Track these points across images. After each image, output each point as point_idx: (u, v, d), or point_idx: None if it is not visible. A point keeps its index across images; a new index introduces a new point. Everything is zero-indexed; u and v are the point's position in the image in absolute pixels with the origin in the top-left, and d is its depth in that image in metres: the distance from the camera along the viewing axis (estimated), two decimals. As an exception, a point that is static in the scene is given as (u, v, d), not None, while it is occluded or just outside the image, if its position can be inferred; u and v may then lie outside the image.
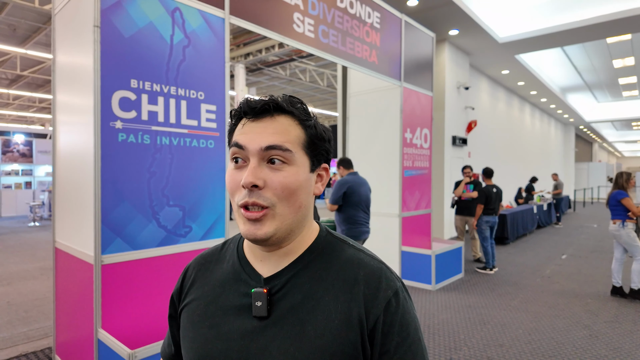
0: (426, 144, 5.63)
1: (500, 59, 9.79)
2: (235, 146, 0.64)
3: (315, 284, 0.65)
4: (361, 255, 0.69)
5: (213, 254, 0.77)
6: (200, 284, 0.74)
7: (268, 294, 0.64)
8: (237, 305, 0.67)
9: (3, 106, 20.35)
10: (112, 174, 2.41)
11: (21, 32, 11.07)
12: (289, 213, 0.63)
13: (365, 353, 0.62)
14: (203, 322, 0.69)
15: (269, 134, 0.62)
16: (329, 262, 0.67)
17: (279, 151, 0.62)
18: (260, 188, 0.61)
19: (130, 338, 2.44)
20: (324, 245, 0.70)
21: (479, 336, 3.60)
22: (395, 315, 0.62)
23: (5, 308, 4.24)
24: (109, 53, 2.40)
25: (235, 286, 0.69)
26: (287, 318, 0.63)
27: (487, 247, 5.96)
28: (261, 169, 0.62)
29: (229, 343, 0.65)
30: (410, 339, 0.63)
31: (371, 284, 0.64)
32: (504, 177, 12.04)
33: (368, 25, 4.53)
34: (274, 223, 0.62)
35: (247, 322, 0.65)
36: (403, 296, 0.65)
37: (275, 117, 0.64)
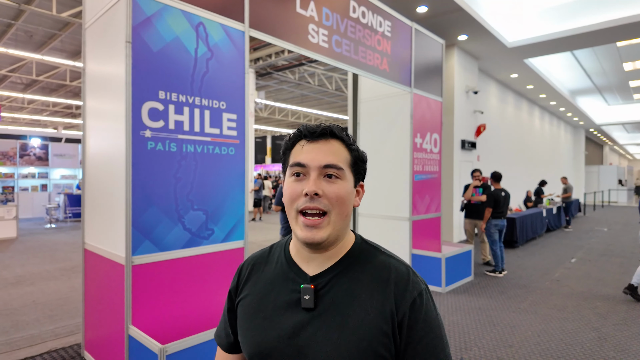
0: (436, 149, 5.74)
1: (509, 63, 9.85)
2: (297, 165, 0.79)
3: (354, 283, 0.78)
4: (391, 261, 0.82)
5: (262, 256, 0.91)
6: (254, 282, 0.87)
7: (315, 290, 0.77)
8: (286, 299, 0.79)
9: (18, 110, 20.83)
10: (142, 180, 2.57)
11: (37, 38, 11.39)
12: (339, 220, 0.77)
13: (395, 341, 0.73)
14: (257, 314, 0.82)
15: (325, 154, 0.78)
16: (365, 266, 0.80)
17: (334, 169, 0.77)
18: (319, 196, 0.75)
19: (158, 334, 2.59)
20: (360, 250, 0.83)
21: (489, 337, 3.69)
22: (419, 312, 0.74)
23: (32, 307, 4.43)
24: (139, 66, 2.56)
25: (284, 284, 0.81)
26: (330, 311, 0.76)
27: (496, 250, 6.04)
28: (320, 182, 0.77)
29: (281, 331, 0.77)
30: (433, 333, 0.74)
31: (400, 285, 0.77)
32: (513, 180, 12.06)
33: (379, 34, 4.66)
34: (328, 229, 0.76)
35: (297, 314, 0.77)
36: (426, 297, 0.77)
37: (329, 140, 0.80)
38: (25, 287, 5.18)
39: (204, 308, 2.87)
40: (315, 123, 0.85)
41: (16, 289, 5.12)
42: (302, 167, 0.78)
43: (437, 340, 0.74)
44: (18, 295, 4.85)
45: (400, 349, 0.73)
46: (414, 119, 5.23)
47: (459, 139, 8.75)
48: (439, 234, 5.74)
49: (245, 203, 3.18)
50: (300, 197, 0.77)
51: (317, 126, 0.80)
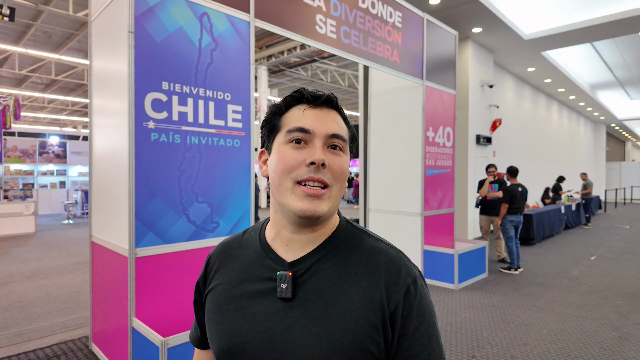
0: (449, 143, 5.60)
1: (526, 56, 9.59)
2: (299, 131, 0.69)
3: (338, 269, 0.69)
4: (381, 245, 0.73)
5: (234, 241, 0.81)
6: (225, 270, 0.77)
7: (292, 277, 0.68)
8: (262, 288, 0.71)
9: (38, 109, 21.36)
10: (145, 171, 2.55)
11: (56, 38, 11.61)
12: (338, 196, 0.71)
13: (386, 334, 0.65)
14: (229, 304, 0.72)
15: (332, 123, 0.71)
16: (351, 250, 0.71)
17: (341, 140, 0.71)
18: (324, 168, 0.67)
19: (162, 327, 2.57)
20: (346, 233, 0.74)
21: (502, 335, 3.57)
22: (413, 301, 0.66)
23: (45, 299, 4.50)
24: (142, 57, 2.54)
25: (259, 271, 0.72)
26: (311, 300, 0.67)
27: (512, 247, 5.87)
28: (324, 151, 0.69)
29: (255, 324, 0.68)
30: (427, 323, 0.67)
31: (392, 271, 0.68)
32: (530, 176, 11.76)
33: (390, 25, 4.56)
34: (329, 202, 0.68)
35: (272, 304, 0.68)
36: (420, 283, 0.69)
37: (331, 110, 0.73)
38: (40, 281, 5.27)
39: (208, 301, 2.84)
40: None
41: (31, 282, 5.22)
42: (305, 132, 0.68)
43: (431, 330, 0.67)
44: (33, 288, 4.94)
45: (392, 341, 0.65)
46: (426, 112, 5.11)
47: (473, 134, 8.56)
48: (452, 230, 5.61)
49: (251, 196, 3.14)
50: (300, 166, 0.67)
51: (319, 92, 0.73)
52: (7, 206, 9.39)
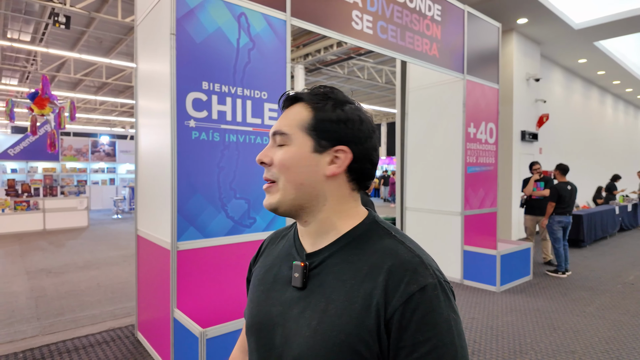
0: (492, 139, 5.39)
1: (577, 47, 9.01)
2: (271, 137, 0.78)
3: (345, 266, 0.68)
4: (398, 247, 0.68)
5: (283, 230, 0.88)
6: (267, 254, 0.85)
7: (305, 268, 0.70)
8: (286, 275, 0.74)
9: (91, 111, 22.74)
10: (187, 169, 2.64)
11: (106, 43, 12.30)
12: (290, 188, 0.71)
13: (381, 341, 0.61)
14: (259, 286, 0.79)
15: (279, 122, 0.76)
16: (363, 248, 0.69)
17: (279, 136, 0.74)
18: (268, 165, 0.73)
19: (201, 318, 2.66)
20: (365, 230, 0.72)
21: (548, 341, 3.39)
22: (416, 312, 0.60)
23: (96, 289, 4.79)
24: (183, 58, 2.63)
25: (287, 258, 0.77)
26: (316, 293, 0.68)
27: (560, 249, 5.56)
28: (272, 150, 0.75)
29: (273, 307, 0.73)
30: (438, 340, 0.59)
31: (395, 275, 0.63)
32: (580, 174, 11.08)
33: (428, 19, 4.44)
34: (276, 195, 0.72)
35: (288, 291, 0.72)
36: (434, 294, 0.61)
37: (292, 106, 0.76)
38: (92, 271, 5.62)
39: (244, 295, 2.91)
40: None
41: (84, 272, 5.58)
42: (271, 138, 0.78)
43: (443, 350, 0.58)
44: (85, 278, 5.28)
45: (388, 353, 0.61)
46: (467, 107, 4.94)
47: (518, 130, 8.18)
48: (494, 231, 5.40)
49: (287, 193, 3.17)
50: None
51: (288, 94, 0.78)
52: (63, 201, 10.09)
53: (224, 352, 2.33)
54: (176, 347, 2.63)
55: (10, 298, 4.43)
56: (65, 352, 3.11)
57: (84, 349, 3.18)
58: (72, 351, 3.13)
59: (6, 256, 6.64)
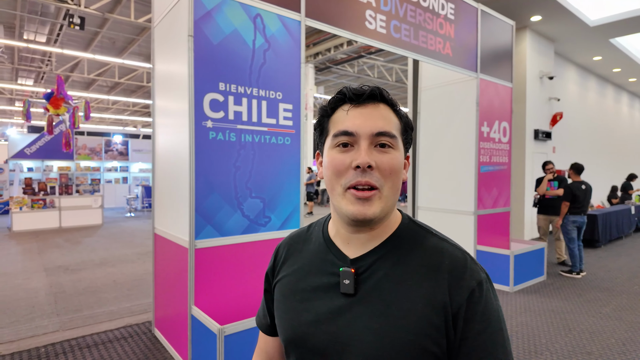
0: (505, 138, 5.35)
1: (592, 45, 8.87)
2: (344, 134, 0.68)
3: (399, 267, 0.69)
4: (444, 245, 0.71)
5: (300, 235, 0.84)
6: (291, 262, 0.80)
7: (355, 274, 0.69)
8: (325, 283, 0.72)
9: (104, 110, 23.07)
10: (204, 168, 2.68)
11: (119, 44, 12.46)
12: (391, 195, 0.69)
13: (448, 336, 0.64)
14: (294, 296, 0.76)
15: (377, 120, 0.68)
16: (413, 249, 0.70)
17: (388, 137, 0.68)
18: (372, 169, 0.66)
19: (218, 315, 2.71)
20: (408, 231, 0.73)
21: (563, 342, 3.37)
22: (477, 305, 0.64)
23: (113, 286, 4.88)
24: (200, 59, 2.67)
25: (322, 265, 0.74)
26: (372, 297, 0.67)
27: (574, 249, 5.50)
28: (371, 152, 0.67)
29: (318, 316, 0.71)
30: (492, 327, 0.64)
31: (455, 272, 0.67)
32: (595, 174, 10.91)
33: (442, 17, 4.42)
34: (380, 204, 0.67)
35: (335, 299, 0.70)
36: (487, 287, 0.67)
37: (378, 104, 0.70)
38: (108, 268, 5.72)
39: (260, 293, 2.94)
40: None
41: (100, 269, 5.68)
42: (349, 135, 0.68)
43: (497, 335, 0.64)
44: (102, 275, 5.38)
45: (453, 344, 0.64)
46: (480, 106, 4.91)
47: (531, 129, 8.09)
48: (507, 230, 5.36)
49: (301, 192, 3.20)
50: (348, 170, 0.67)
51: (363, 88, 0.70)
52: (79, 199, 10.28)
53: (241, 348, 2.37)
54: (194, 344, 2.68)
55: (30, 294, 4.54)
56: (85, 347, 3.19)
57: (103, 344, 3.25)
58: (92, 346, 3.21)
59: (24, 253, 6.79)
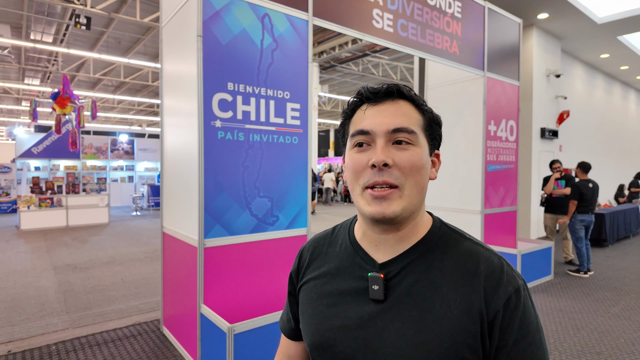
0: (512, 137, 5.32)
1: (599, 42, 8.80)
2: (360, 133, 0.67)
3: (432, 273, 0.66)
4: (480, 249, 0.68)
5: (325, 238, 0.82)
6: (316, 265, 0.78)
7: (384, 279, 0.67)
8: (353, 287, 0.70)
9: (109, 110, 23.19)
10: (213, 167, 2.70)
11: (125, 43, 12.51)
12: (415, 193, 0.66)
13: (484, 344, 0.62)
14: (321, 300, 0.73)
15: (394, 117, 0.66)
16: (447, 253, 0.68)
17: (405, 133, 0.65)
18: (389, 167, 0.63)
19: (227, 314, 2.72)
20: (440, 235, 0.70)
21: (572, 342, 3.36)
22: (515, 312, 0.62)
23: (121, 284, 4.92)
24: (209, 59, 2.68)
25: (350, 269, 0.72)
26: (404, 303, 0.65)
27: (582, 248, 5.47)
28: (389, 149, 0.65)
29: (347, 321, 0.68)
30: (531, 337, 0.62)
31: (492, 278, 0.64)
32: (602, 172, 10.84)
33: (449, 16, 4.41)
34: (401, 202, 0.64)
35: (364, 305, 0.68)
36: (524, 294, 0.64)
37: (397, 101, 0.68)
38: (116, 267, 5.77)
39: (269, 291, 2.96)
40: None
41: (108, 268, 5.72)
42: (365, 134, 0.66)
43: (536, 347, 0.62)
44: (110, 273, 5.42)
45: (489, 353, 0.62)
46: (487, 105, 4.89)
47: (538, 127, 8.05)
48: (514, 230, 5.34)
49: (308, 192, 3.21)
50: (365, 169, 0.65)
51: (381, 85, 0.68)
52: (85, 198, 10.35)
53: (251, 347, 2.39)
54: (203, 342, 2.70)
55: (40, 292, 4.58)
56: (95, 345, 3.22)
57: (112, 342, 3.28)
58: (102, 344, 3.24)
59: (33, 251, 6.86)
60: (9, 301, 4.27)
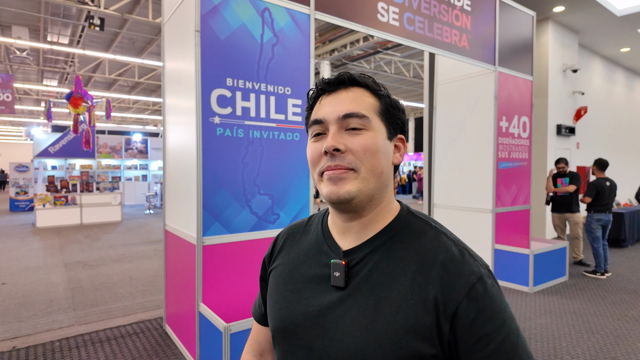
0: (525, 134, 5.16)
1: (619, 35, 8.49)
2: (315, 123, 0.68)
3: (392, 262, 0.65)
4: (442, 238, 0.67)
5: (300, 226, 0.83)
6: (287, 251, 0.79)
7: (346, 267, 0.67)
8: (317, 274, 0.70)
9: (125, 110, 23.58)
10: (212, 165, 2.66)
11: (139, 44, 12.68)
12: (372, 177, 0.65)
13: (441, 338, 0.59)
14: (286, 285, 0.74)
15: (345, 103, 0.66)
16: (408, 242, 0.67)
17: (356, 118, 0.65)
18: (342, 152, 0.64)
19: (226, 312, 2.69)
20: (404, 223, 0.69)
21: (585, 346, 3.22)
22: (481, 302, 0.59)
23: (128, 281, 4.95)
24: (207, 54, 2.64)
25: (317, 256, 0.73)
26: (362, 292, 0.64)
27: (598, 248, 5.27)
28: (341, 135, 0.65)
29: (309, 307, 0.69)
30: (507, 328, 0.58)
31: (451, 268, 0.62)
32: (622, 170, 10.48)
33: (457, 9, 4.29)
34: (356, 183, 0.64)
35: (327, 292, 0.68)
36: (490, 282, 0.61)
37: (350, 88, 0.68)
38: (125, 264, 5.82)
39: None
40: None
41: (117, 265, 5.78)
42: (319, 124, 0.67)
43: (514, 336, 0.58)
44: (119, 270, 5.47)
45: (457, 349, 0.59)
46: (499, 100, 4.75)
47: (553, 124, 7.81)
48: (527, 229, 5.18)
49: (311, 189, 3.15)
50: (321, 157, 0.66)
51: (337, 76, 0.69)
52: (99, 197, 10.52)
53: (247, 347, 2.34)
54: (201, 341, 2.67)
55: (49, 288, 4.65)
56: (98, 342, 3.23)
57: (115, 339, 3.29)
58: (104, 341, 3.25)
59: (47, 249, 6.99)
60: (20, 297, 4.34)
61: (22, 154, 30.89)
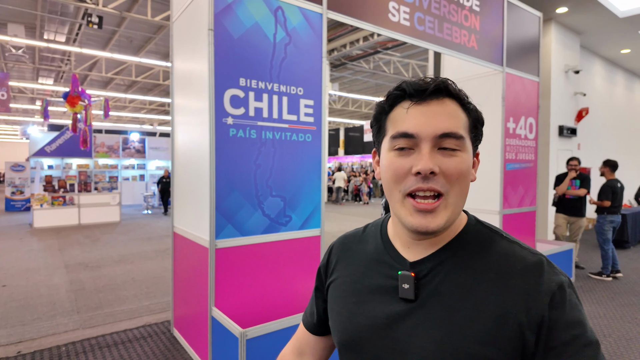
0: (531, 135, 5.15)
1: (620, 37, 8.51)
2: (403, 136, 0.61)
3: (464, 273, 0.63)
4: (516, 248, 0.64)
5: (355, 236, 0.80)
6: (345, 263, 0.77)
7: (415, 278, 0.64)
8: (382, 285, 0.68)
9: (121, 109, 23.38)
10: (225, 166, 2.61)
11: (136, 42, 12.55)
12: (459, 201, 0.62)
13: (524, 349, 0.57)
14: (350, 297, 0.72)
15: (442, 120, 0.60)
16: (480, 253, 0.64)
17: (454, 139, 0.60)
18: (435, 175, 0.59)
19: (238, 317, 2.63)
20: (475, 234, 0.67)
21: (599, 349, 3.20)
22: (561, 311, 0.57)
23: (132, 283, 4.88)
24: (221, 54, 2.58)
25: (379, 268, 0.70)
26: (434, 304, 0.62)
27: (608, 250, 5.24)
28: (435, 156, 0.60)
29: (375, 320, 0.66)
30: (585, 339, 0.56)
31: (530, 278, 0.59)
32: (622, 171, 10.45)
33: (467, 9, 4.26)
34: (446, 213, 0.61)
35: (393, 304, 0.66)
36: (569, 291, 0.59)
37: (443, 100, 0.62)
38: (127, 265, 5.74)
39: (282, 294, 2.86)
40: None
41: (119, 266, 5.70)
42: (409, 138, 0.61)
43: (591, 350, 0.55)
44: (121, 272, 5.39)
45: (533, 356, 0.57)
46: (506, 101, 4.72)
47: (556, 125, 7.82)
48: (533, 231, 5.17)
49: (322, 191, 3.10)
50: (408, 176, 0.61)
51: (426, 81, 0.61)
52: (97, 197, 10.40)
53: (264, 352, 2.29)
54: (214, 346, 2.62)
55: (51, 290, 4.56)
56: (105, 347, 3.16)
57: (122, 344, 3.22)
58: (112, 346, 3.18)
59: (46, 250, 6.88)
60: (21, 300, 4.26)
61: (17, 153, 30.56)
